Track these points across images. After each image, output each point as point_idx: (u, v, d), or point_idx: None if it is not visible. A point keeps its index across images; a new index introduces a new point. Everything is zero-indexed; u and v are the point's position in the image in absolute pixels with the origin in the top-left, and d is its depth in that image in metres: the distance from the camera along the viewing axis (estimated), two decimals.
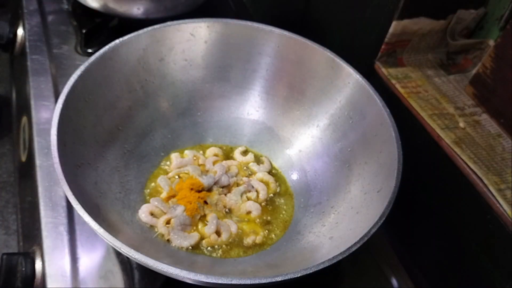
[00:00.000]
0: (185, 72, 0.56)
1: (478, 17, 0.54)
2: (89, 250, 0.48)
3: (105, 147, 0.49)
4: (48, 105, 0.61)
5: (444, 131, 0.49)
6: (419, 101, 0.52)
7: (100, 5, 0.67)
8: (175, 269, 0.34)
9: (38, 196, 0.52)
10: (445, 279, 0.51)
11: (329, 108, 0.54)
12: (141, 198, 0.50)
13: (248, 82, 0.58)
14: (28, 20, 0.73)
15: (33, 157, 0.55)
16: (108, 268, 0.47)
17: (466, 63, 0.56)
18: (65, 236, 0.49)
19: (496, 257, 0.44)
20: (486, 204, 0.43)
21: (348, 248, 0.37)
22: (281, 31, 0.55)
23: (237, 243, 0.49)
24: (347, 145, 0.52)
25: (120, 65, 0.51)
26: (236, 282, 0.35)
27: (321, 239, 0.46)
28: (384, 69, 0.55)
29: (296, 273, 0.36)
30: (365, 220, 0.42)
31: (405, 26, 0.52)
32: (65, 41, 0.71)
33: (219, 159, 0.56)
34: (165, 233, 0.47)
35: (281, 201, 0.53)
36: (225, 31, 0.55)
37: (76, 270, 0.46)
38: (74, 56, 0.69)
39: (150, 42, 0.53)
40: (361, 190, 0.47)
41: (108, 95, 0.50)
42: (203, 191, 0.51)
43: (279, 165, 0.57)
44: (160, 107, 0.56)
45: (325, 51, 0.53)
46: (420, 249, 0.55)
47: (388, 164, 0.45)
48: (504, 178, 0.45)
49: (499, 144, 0.48)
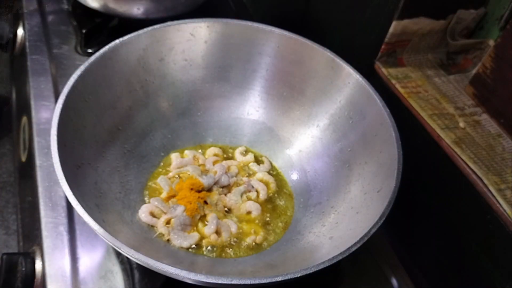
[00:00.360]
0: (185, 72, 0.56)
1: (478, 17, 0.54)
2: (89, 250, 0.48)
3: (105, 147, 0.49)
4: (48, 105, 0.61)
5: (444, 131, 0.49)
6: (419, 101, 0.52)
7: (100, 5, 0.67)
8: (175, 269, 0.34)
9: (38, 196, 0.52)
10: (445, 279, 0.51)
11: (329, 108, 0.54)
12: (141, 198, 0.50)
13: (248, 82, 0.58)
14: (28, 20, 0.73)
15: (33, 157, 0.55)
16: (108, 268, 0.47)
17: (466, 63, 0.56)
18: (65, 236, 0.49)
19: (496, 257, 0.44)
20: (486, 204, 0.43)
21: (348, 248, 0.37)
22: (281, 31, 0.55)
23: (237, 243, 0.49)
24: (347, 145, 0.52)
25: (120, 65, 0.51)
26: (236, 282, 0.35)
27: (321, 239, 0.46)
28: (384, 69, 0.55)
29: (296, 273, 0.36)
30: (365, 220, 0.42)
31: (405, 26, 0.52)
32: (65, 41, 0.71)
33: (219, 159, 0.56)
34: (165, 233, 0.47)
35: (281, 201, 0.53)
36: (225, 31, 0.55)
37: (76, 270, 0.46)
38: (74, 56, 0.69)
39: (150, 42, 0.53)
40: (361, 190, 0.47)
41: (108, 95, 0.50)
42: (203, 191, 0.51)
43: (279, 165, 0.57)
44: (160, 107, 0.56)
45: (325, 51, 0.53)
46: (420, 249, 0.55)
47: (388, 164, 0.45)
48: (504, 178, 0.45)
49: (499, 144, 0.48)
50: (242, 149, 0.57)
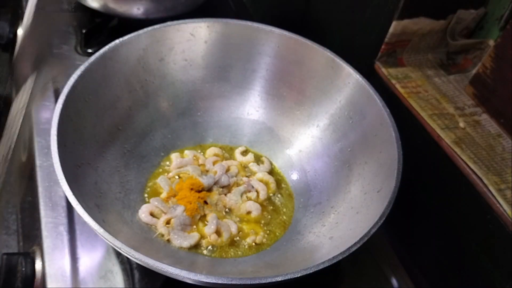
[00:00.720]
0: (185, 72, 0.56)
1: (478, 17, 0.54)
2: (89, 250, 0.48)
3: (105, 147, 0.49)
4: (48, 105, 0.61)
5: (444, 131, 0.49)
6: (419, 101, 0.52)
7: (100, 5, 0.67)
8: (175, 269, 0.34)
9: (38, 196, 0.52)
10: (445, 279, 0.51)
11: (329, 108, 0.54)
12: (141, 198, 0.50)
13: (248, 82, 0.58)
14: None
15: (33, 157, 0.55)
16: (108, 268, 0.47)
17: (466, 63, 0.56)
18: (65, 236, 0.49)
19: (496, 257, 0.44)
20: (486, 204, 0.43)
21: (348, 248, 0.37)
22: (281, 31, 0.55)
23: (237, 243, 0.49)
24: (347, 145, 0.52)
25: (120, 65, 0.51)
26: (236, 282, 0.35)
27: (321, 239, 0.46)
28: (384, 69, 0.55)
29: (296, 273, 0.36)
30: (365, 220, 0.42)
31: (405, 26, 0.52)
32: (65, 41, 0.71)
33: (219, 159, 0.56)
34: (165, 233, 0.47)
35: (281, 201, 0.53)
36: (225, 31, 0.55)
37: (76, 270, 0.46)
38: (74, 56, 0.69)
39: (150, 42, 0.53)
40: (361, 190, 0.47)
41: (108, 95, 0.50)
42: (203, 191, 0.51)
43: (279, 165, 0.57)
44: (160, 107, 0.56)
45: (325, 51, 0.53)
46: (420, 249, 0.55)
47: (388, 164, 0.45)
48: (504, 178, 0.45)
49: (499, 144, 0.48)
50: (242, 149, 0.57)
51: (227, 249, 0.48)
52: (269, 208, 0.52)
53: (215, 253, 0.47)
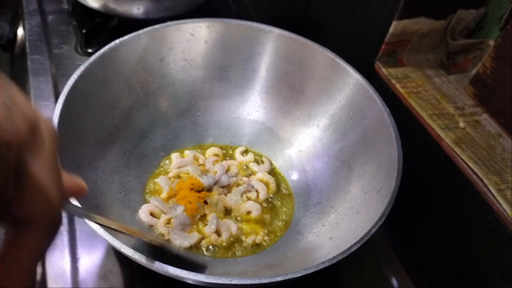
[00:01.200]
0: (185, 72, 0.56)
1: (478, 17, 0.54)
2: (89, 250, 0.48)
3: (105, 147, 0.49)
4: (48, 105, 0.61)
5: (444, 131, 0.48)
6: (419, 101, 0.52)
7: (100, 5, 0.67)
8: (175, 269, 0.34)
9: None
10: (445, 279, 0.51)
11: (329, 108, 0.54)
12: (141, 198, 0.50)
13: (248, 82, 0.58)
14: (28, 20, 0.73)
15: None
16: (108, 268, 0.47)
17: (466, 63, 0.56)
18: (65, 236, 0.48)
19: (496, 257, 0.44)
20: (486, 204, 0.43)
21: (348, 248, 0.37)
22: (281, 31, 0.55)
23: (237, 243, 0.49)
24: (347, 145, 0.52)
25: (120, 65, 0.51)
26: (236, 282, 0.35)
27: (321, 239, 0.46)
28: (384, 69, 0.55)
29: (296, 273, 0.36)
30: (365, 220, 0.42)
31: (405, 26, 0.52)
32: (65, 41, 0.71)
33: (219, 159, 0.56)
34: (165, 233, 0.47)
35: (281, 201, 0.53)
36: (225, 31, 0.55)
37: (76, 270, 0.46)
38: (74, 56, 0.69)
39: (150, 42, 0.53)
40: (361, 190, 0.47)
41: (108, 95, 0.50)
42: (203, 191, 0.51)
43: (279, 165, 0.57)
44: (160, 107, 0.56)
45: (325, 51, 0.53)
46: (420, 249, 0.55)
47: (388, 164, 0.45)
48: (504, 178, 0.45)
49: (499, 144, 0.48)
50: (242, 149, 0.57)
51: (227, 249, 0.48)
52: (269, 208, 0.52)
53: (215, 253, 0.47)
